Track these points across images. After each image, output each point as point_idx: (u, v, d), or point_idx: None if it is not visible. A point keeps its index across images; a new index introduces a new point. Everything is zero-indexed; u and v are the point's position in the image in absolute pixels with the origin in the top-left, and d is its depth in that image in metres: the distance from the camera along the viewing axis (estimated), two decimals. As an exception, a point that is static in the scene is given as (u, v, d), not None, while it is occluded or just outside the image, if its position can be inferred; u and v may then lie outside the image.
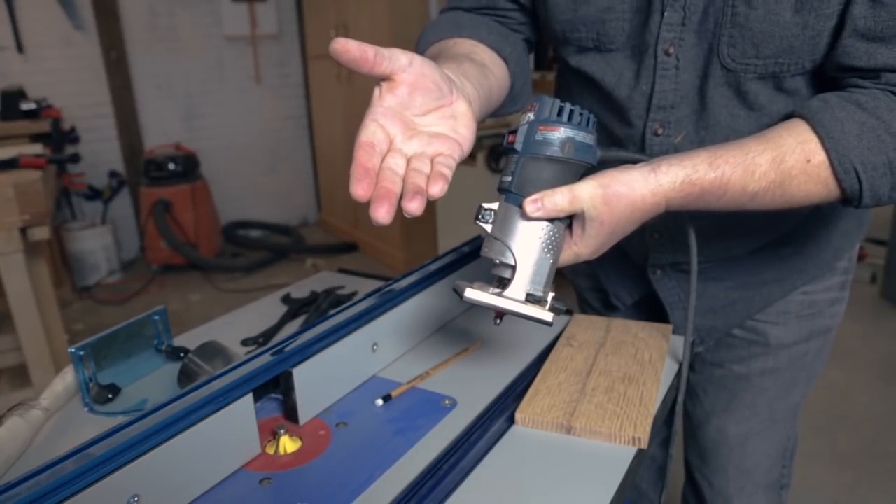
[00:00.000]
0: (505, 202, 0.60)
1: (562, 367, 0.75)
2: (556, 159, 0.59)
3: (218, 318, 0.99)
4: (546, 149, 0.59)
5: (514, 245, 0.59)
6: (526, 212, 0.58)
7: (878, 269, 3.11)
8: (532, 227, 0.59)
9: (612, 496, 0.56)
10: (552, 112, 0.60)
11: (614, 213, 0.59)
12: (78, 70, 3.71)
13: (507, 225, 0.60)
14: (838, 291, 0.89)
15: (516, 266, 0.59)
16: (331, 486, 0.58)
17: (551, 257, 0.60)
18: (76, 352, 0.71)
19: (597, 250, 0.62)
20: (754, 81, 0.68)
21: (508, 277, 0.59)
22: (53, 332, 1.96)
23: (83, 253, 3.53)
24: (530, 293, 0.59)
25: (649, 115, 0.74)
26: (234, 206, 4.37)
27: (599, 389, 0.70)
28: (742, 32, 0.65)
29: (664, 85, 0.72)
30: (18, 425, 0.65)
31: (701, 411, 0.98)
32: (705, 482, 1.00)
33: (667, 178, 0.59)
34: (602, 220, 0.59)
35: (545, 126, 0.59)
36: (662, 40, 0.70)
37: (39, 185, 1.68)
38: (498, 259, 0.60)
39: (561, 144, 0.59)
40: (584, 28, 0.75)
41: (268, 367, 0.65)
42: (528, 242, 0.59)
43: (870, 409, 2.17)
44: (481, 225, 0.61)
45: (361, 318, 0.76)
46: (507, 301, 0.59)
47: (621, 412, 0.66)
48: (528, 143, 0.60)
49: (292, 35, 4.35)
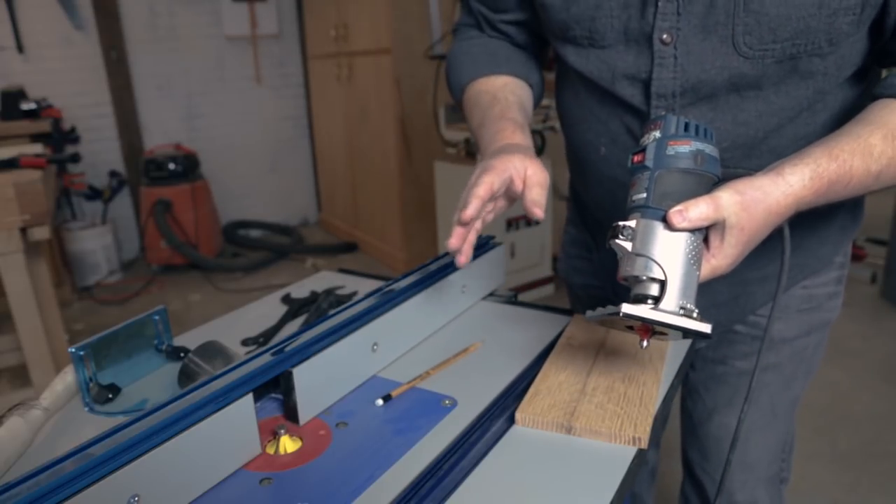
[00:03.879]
0: (643, 218, 0.60)
1: (562, 367, 0.75)
2: (690, 171, 0.60)
3: (218, 318, 0.99)
4: (679, 162, 0.60)
5: (661, 258, 0.58)
6: (672, 223, 0.57)
7: (878, 269, 3.11)
8: (676, 240, 0.58)
9: (612, 496, 0.56)
10: (678, 128, 0.61)
11: (753, 219, 0.59)
12: (78, 70, 3.71)
13: (649, 240, 0.59)
14: (835, 286, 0.90)
15: (666, 280, 0.57)
16: (331, 486, 0.58)
17: (696, 269, 0.58)
18: (76, 352, 0.71)
19: (734, 261, 0.61)
20: (772, 66, 0.69)
21: (655, 294, 0.58)
22: (53, 332, 1.96)
23: (83, 253, 3.53)
24: (682, 306, 0.57)
25: (650, 104, 0.75)
26: (234, 206, 4.37)
27: (599, 389, 0.70)
28: (758, 19, 0.66)
29: (662, 73, 0.72)
30: (18, 425, 0.65)
31: (702, 408, 0.98)
32: (708, 478, 1.01)
33: (794, 178, 0.60)
34: (742, 227, 0.58)
35: (674, 141, 0.61)
36: (658, 29, 0.70)
37: (39, 185, 1.68)
38: (644, 275, 0.58)
39: (693, 157, 0.60)
40: (576, 26, 0.77)
41: (268, 367, 0.65)
42: (674, 255, 0.58)
43: (870, 409, 2.17)
44: (620, 243, 0.60)
45: (361, 318, 0.76)
46: (666, 315, 0.57)
47: (621, 412, 0.66)
48: (660, 158, 0.60)
49: (292, 35, 4.36)
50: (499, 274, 1.01)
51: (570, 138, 0.93)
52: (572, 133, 0.91)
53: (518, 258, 2.92)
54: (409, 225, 3.49)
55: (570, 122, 0.91)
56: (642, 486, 1.20)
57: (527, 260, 2.97)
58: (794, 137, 0.74)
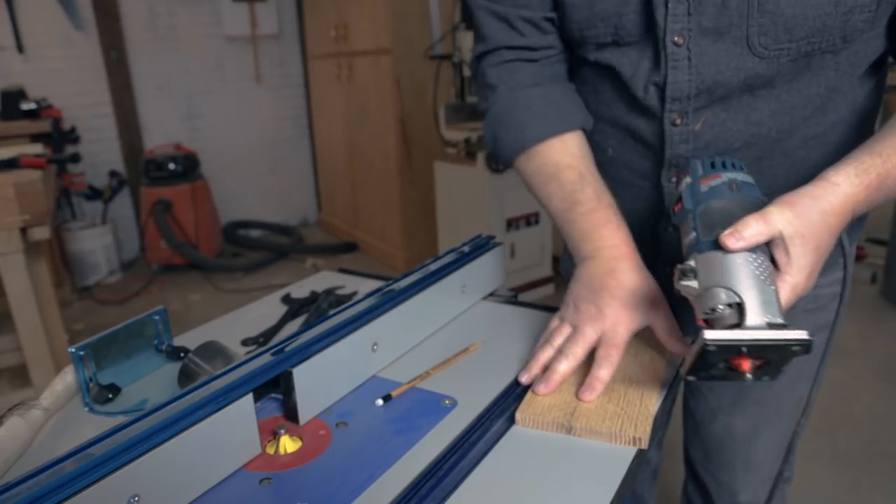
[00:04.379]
0: (699, 254, 0.59)
1: None
2: (729, 200, 0.60)
3: (218, 318, 0.99)
4: (715, 194, 0.61)
5: (731, 282, 0.56)
6: (727, 245, 0.56)
7: (878, 269, 3.11)
8: (738, 262, 0.57)
9: (612, 496, 0.56)
10: (705, 168, 0.64)
11: (811, 224, 0.57)
12: (78, 70, 3.71)
13: (713, 270, 0.57)
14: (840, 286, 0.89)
15: (743, 301, 0.55)
16: (331, 486, 0.58)
17: (770, 285, 0.57)
18: (76, 352, 0.71)
19: (810, 273, 0.59)
20: (786, 64, 0.69)
21: (735, 320, 0.56)
22: (53, 332, 1.96)
23: (83, 253, 3.53)
24: (770, 322, 0.55)
25: (665, 107, 0.74)
26: (234, 206, 4.37)
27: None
28: (773, 19, 0.65)
29: (677, 76, 0.72)
30: (18, 425, 0.65)
31: (706, 409, 0.98)
32: (711, 479, 1.01)
33: (840, 178, 0.59)
34: (803, 235, 0.57)
35: (705, 179, 0.63)
36: (670, 31, 0.70)
37: (39, 185, 1.68)
38: (720, 305, 0.56)
39: (727, 186, 0.61)
40: (601, 24, 0.75)
41: (268, 367, 0.65)
42: (740, 276, 0.56)
43: (870, 409, 2.17)
44: (687, 284, 0.59)
45: (361, 318, 0.75)
46: (752, 331, 0.54)
47: (622, 412, 0.66)
48: (696, 197, 0.62)
49: (292, 35, 4.36)
50: (499, 274, 1.01)
51: None
52: None
53: (518, 258, 2.92)
54: (409, 225, 3.49)
55: None
56: (644, 486, 1.19)
57: (527, 260, 2.97)
58: (804, 138, 0.74)
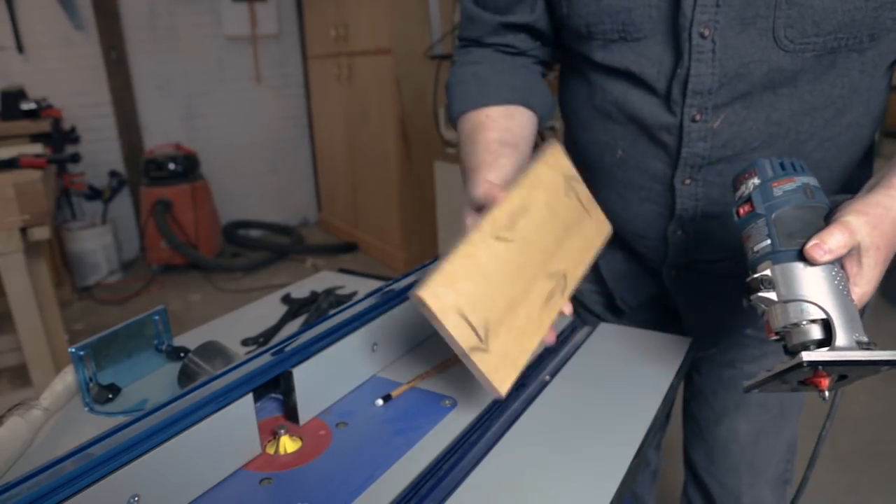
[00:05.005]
0: (776, 264, 0.57)
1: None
2: (805, 206, 0.58)
3: (218, 318, 0.99)
4: (791, 200, 0.59)
5: (816, 298, 0.54)
6: (813, 257, 0.55)
7: (878, 269, 3.11)
8: (820, 275, 0.55)
9: (611, 497, 0.56)
10: (775, 169, 0.61)
11: (885, 235, 0.57)
12: (78, 70, 3.71)
13: (794, 282, 0.56)
14: None
15: (830, 318, 0.53)
16: (331, 486, 0.58)
17: (851, 299, 0.56)
18: (76, 352, 0.71)
19: (876, 284, 0.59)
20: (811, 60, 0.67)
21: (819, 336, 0.54)
22: (53, 332, 1.96)
23: (83, 253, 3.53)
24: (858, 340, 0.53)
25: (685, 101, 0.72)
26: (234, 206, 4.37)
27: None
28: (801, 11, 0.64)
29: (700, 69, 0.70)
30: (18, 425, 0.65)
31: (709, 412, 0.97)
32: (714, 482, 1.00)
33: None
34: (878, 246, 0.57)
35: (777, 182, 0.60)
36: (697, 23, 0.68)
37: (39, 185, 1.68)
38: (803, 320, 0.54)
39: (803, 191, 0.59)
40: (608, 19, 0.73)
41: (268, 367, 0.65)
42: (825, 290, 0.55)
43: (870, 409, 2.17)
44: (764, 296, 0.57)
45: (361, 318, 0.76)
46: (849, 352, 0.52)
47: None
48: (770, 201, 0.59)
49: (292, 35, 4.36)
50: (499, 274, 1.01)
51: (581, 140, 0.89)
52: (582, 134, 0.88)
53: (518, 258, 2.92)
54: (409, 225, 3.49)
55: (580, 122, 0.88)
56: (643, 487, 1.19)
57: (527, 260, 2.96)
58: (821, 140, 0.73)
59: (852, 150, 0.77)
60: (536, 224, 0.67)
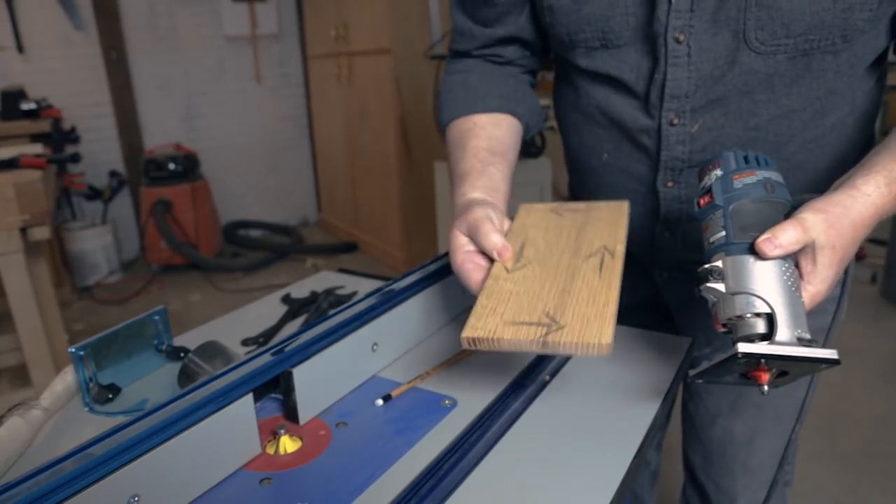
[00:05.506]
0: (728, 256, 0.58)
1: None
2: (764, 200, 0.58)
3: (218, 318, 0.99)
4: (750, 193, 0.59)
5: (762, 291, 0.55)
6: (763, 252, 0.55)
7: (878, 269, 3.11)
8: (770, 270, 0.55)
9: (611, 497, 0.56)
10: (738, 161, 0.61)
11: (842, 236, 0.57)
12: (78, 70, 3.71)
13: (743, 275, 0.56)
14: (839, 288, 0.89)
15: (773, 313, 0.54)
16: (331, 486, 0.58)
17: (799, 296, 0.56)
18: (76, 352, 0.71)
19: (831, 284, 0.59)
20: (784, 62, 0.68)
21: (763, 330, 0.55)
22: (53, 332, 1.96)
23: (83, 253, 3.53)
24: (800, 337, 0.54)
25: (663, 105, 0.73)
26: (234, 206, 4.37)
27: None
28: (771, 14, 0.65)
29: (676, 73, 0.71)
30: (18, 425, 0.65)
31: (705, 413, 0.97)
32: (710, 483, 1.00)
33: (870, 187, 0.58)
34: (833, 245, 0.57)
35: (738, 174, 0.60)
36: (672, 28, 0.69)
37: (39, 185, 1.68)
38: (748, 312, 0.55)
39: (763, 185, 0.59)
40: (588, 28, 0.75)
41: (268, 367, 0.65)
42: (773, 285, 0.55)
43: (870, 409, 2.17)
44: (712, 287, 0.57)
45: (361, 318, 0.75)
46: (787, 347, 0.53)
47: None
48: (729, 193, 0.60)
49: (292, 35, 4.36)
50: (499, 274, 1.01)
51: (570, 143, 0.91)
52: (572, 138, 0.90)
53: (518, 258, 2.92)
54: (409, 225, 3.49)
55: (569, 126, 0.89)
56: (643, 487, 1.19)
57: (527, 260, 2.97)
58: (803, 142, 0.74)
59: (840, 150, 0.76)
60: (545, 243, 0.69)
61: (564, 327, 0.57)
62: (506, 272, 0.65)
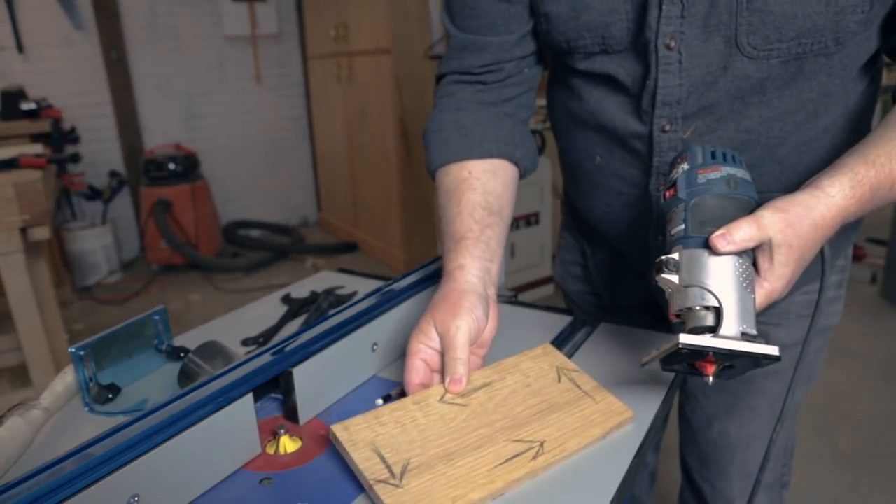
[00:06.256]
0: (685, 249, 0.58)
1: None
2: (725, 196, 0.59)
3: (218, 318, 0.99)
4: (712, 188, 0.59)
5: (712, 285, 0.56)
6: (716, 247, 0.56)
7: (878, 269, 3.12)
8: (724, 265, 0.56)
9: (611, 497, 0.56)
10: (705, 157, 0.61)
11: (800, 235, 0.57)
12: (78, 70, 3.71)
13: (696, 268, 0.57)
14: (836, 290, 0.88)
15: (721, 307, 0.55)
16: (331, 486, 0.58)
17: (750, 293, 0.57)
18: (76, 352, 0.71)
19: (788, 282, 0.59)
20: (777, 66, 0.67)
21: (711, 323, 0.56)
22: (53, 332, 1.96)
23: (83, 253, 3.53)
24: (744, 332, 0.55)
25: (655, 112, 0.73)
26: (234, 206, 4.37)
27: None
28: (762, 18, 0.64)
29: (668, 80, 0.71)
30: (18, 425, 0.65)
31: (701, 415, 0.97)
32: (707, 485, 1.00)
33: (835, 189, 0.58)
34: (790, 244, 0.57)
35: (703, 169, 0.61)
36: (663, 34, 0.68)
37: (39, 185, 1.68)
38: (697, 305, 0.56)
39: (726, 182, 0.59)
40: (588, 34, 0.74)
41: (268, 367, 0.65)
42: (725, 280, 0.56)
43: (870, 409, 2.17)
44: (667, 278, 0.58)
45: (361, 318, 0.76)
46: (728, 341, 0.54)
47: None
48: (692, 188, 0.60)
49: (292, 35, 4.36)
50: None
51: (563, 145, 0.91)
52: (566, 140, 0.89)
53: (518, 258, 2.92)
54: (409, 225, 3.49)
55: (563, 129, 0.89)
56: (642, 489, 1.19)
57: (527, 260, 2.97)
58: (796, 144, 0.73)
59: (833, 152, 0.76)
60: (501, 397, 0.65)
61: (398, 489, 0.53)
62: (438, 397, 0.64)
